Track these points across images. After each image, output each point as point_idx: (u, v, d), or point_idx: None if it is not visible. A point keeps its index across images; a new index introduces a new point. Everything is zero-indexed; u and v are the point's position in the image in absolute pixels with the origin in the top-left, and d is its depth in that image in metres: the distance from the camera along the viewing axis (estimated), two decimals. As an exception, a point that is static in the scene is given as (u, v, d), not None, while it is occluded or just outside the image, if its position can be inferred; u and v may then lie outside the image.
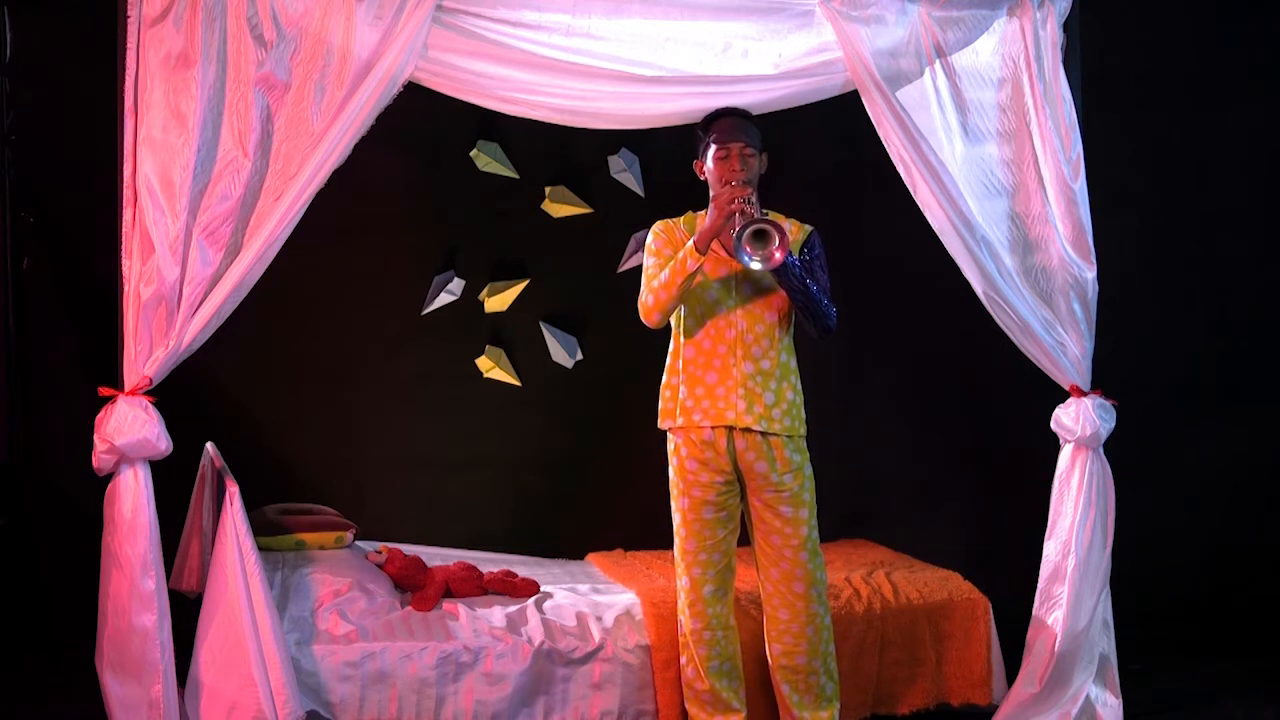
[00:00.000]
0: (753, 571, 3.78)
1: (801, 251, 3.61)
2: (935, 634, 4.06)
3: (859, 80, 3.60)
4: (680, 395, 3.60)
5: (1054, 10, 3.77)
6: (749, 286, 3.57)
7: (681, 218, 3.68)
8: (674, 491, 3.65)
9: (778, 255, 3.35)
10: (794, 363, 3.64)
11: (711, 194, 3.56)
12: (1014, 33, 3.77)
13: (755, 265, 3.36)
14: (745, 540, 3.71)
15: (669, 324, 3.66)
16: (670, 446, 3.66)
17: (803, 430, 3.62)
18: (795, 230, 3.65)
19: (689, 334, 3.61)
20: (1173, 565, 5.05)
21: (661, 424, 3.67)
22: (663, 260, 3.58)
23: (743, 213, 3.38)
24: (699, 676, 3.64)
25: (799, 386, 3.63)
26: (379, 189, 4.73)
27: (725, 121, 3.56)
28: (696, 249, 3.44)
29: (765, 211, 3.56)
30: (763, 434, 3.55)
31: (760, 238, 3.36)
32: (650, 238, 3.66)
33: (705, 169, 3.60)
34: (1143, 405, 4.40)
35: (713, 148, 3.55)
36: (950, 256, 3.75)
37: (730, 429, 3.55)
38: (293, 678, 3.28)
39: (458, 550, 4.67)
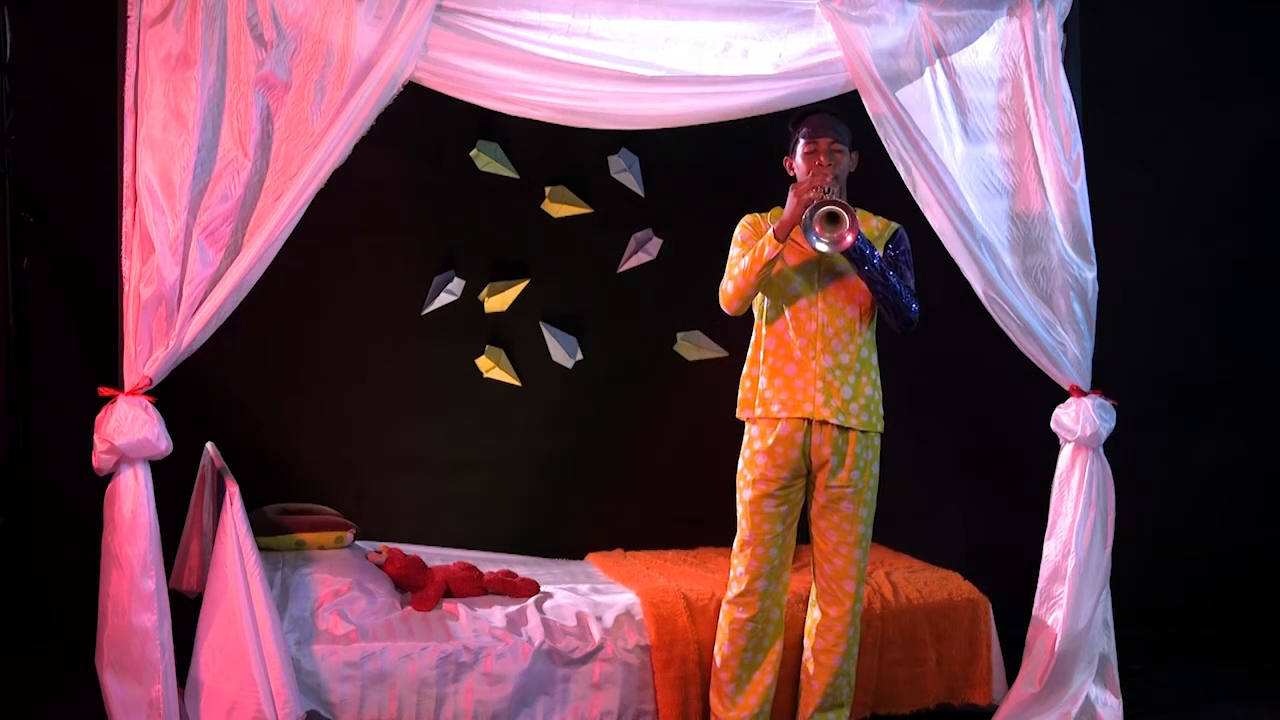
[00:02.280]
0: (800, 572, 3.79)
1: (887, 248, 3.64)
2: (935, 634, 4.06)
3: (859, 80, 3.60)
4: (760, 386, 3.62)
5: (1054, 10, 3.77)
6: (830, 278, 3.60)
7: (769, 212, 3.70)
8: (740, 482, 3.66)
9: (848, 239, 3.37)
10: (875, 358, 3.66)
11: None
12: (1014, 33, 3.77)
13: (822, 246, 3.39)
14: (804, 538, 3.73)
15: (749, 313, 3.68)
16: (745, 438, 3.67)
17: (880, 426, 3.64)
18: (881, 226, 3.68)
19: (770, 324, 3.64)
20: (1173, 565, 5.05)
21: (740, 414, 3.69)
22: (747, 251, 3.61)
23: (821, 199, 3.41)
24: (727, 666, 3.66)
25: (878, 382, 3.65)
26: (379, 189, 4.73)
27: (815, 117, 3.60)
28: (775, 237, 3.47)
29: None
30: (839, 428, 3.57)
31: (832, 220, 3.39)
32: (738, 229, 3.70)
33: (795, 165, 3.63)
34: (1143, 405, 4.40)
35: (801, 143, 3.59)
36: (950, 256, 3.75)
37: (808, 421, 3.57)
38: (293, 678, 3.29)
39: (458, 550, 4.68)
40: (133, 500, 3.18)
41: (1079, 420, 3.84)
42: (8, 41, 4.44)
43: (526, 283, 4.99)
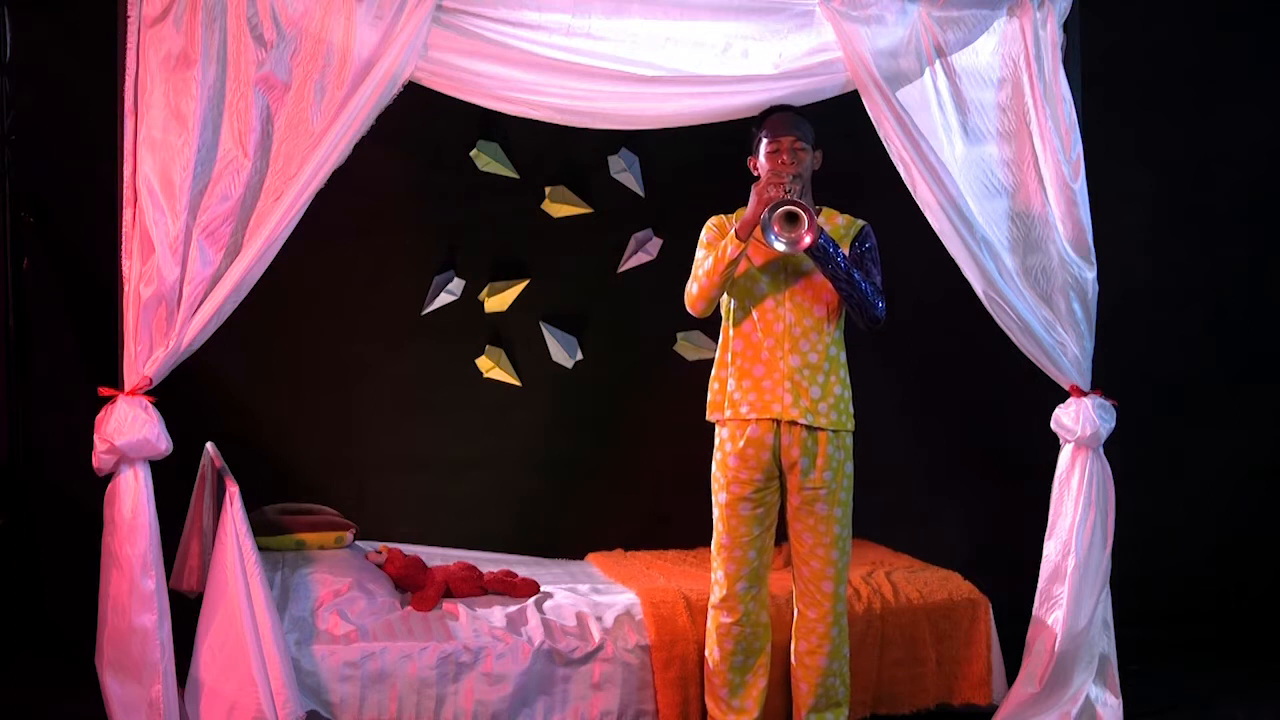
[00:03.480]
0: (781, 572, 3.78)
1: (853, 245, 3.62)
2: (935, 634, 4.06)
3: (859, 80, 3.60)
4: (729, 388, 3.61)
5: (1054, 10, 3.77)
6: (797, 278, 3.58)
7: (735, 213, 3.68)
8: (714, 485, 3.66)
9: (806, 239, 3.36)
10: (843, 356, 3.64)
11: None
12: (1014, 33, 3.77)
13: (780, 246, 3.38)
14: (783, 537, 3.72)
15: (719, 315, 3.66)
16: (716, 440, 3.66)
17: (850, 425, 3.62)
18: (847, 223, 3.66)
19: (737, 325, 3.62)
20: (1173, 565, 5.05)
21: (710, 416, 3.68)
22: (712, 252, 3.58)
23: (781, 199, 3.40)
24: (718, 671, 3.65)
25: (847, 380, 3.63)
26: (379, 189, 4.73)
27: (777, 116, 3.57)
28: (737, 237, 3.45)
29: (818, 208, 3.58)
30: (808, 428, 3.55)
31: (790, 220, 3.37)
32: (704, 231, 3.68)
33: (758, 164, 3.60)
34: (1143, 405, 4.39)
35: (764, 142, 3.57)
36: (950, 256, 3.75)
37: (777, 422, 3.55)
38: (293, 678, 3.29)
39: (458, 550, 4.67)
40: (133, 500, 3.18)
41: (1079, 420, 3.83)
42: (8, 42, 4.44)
43: (526, 283, 4.99)
